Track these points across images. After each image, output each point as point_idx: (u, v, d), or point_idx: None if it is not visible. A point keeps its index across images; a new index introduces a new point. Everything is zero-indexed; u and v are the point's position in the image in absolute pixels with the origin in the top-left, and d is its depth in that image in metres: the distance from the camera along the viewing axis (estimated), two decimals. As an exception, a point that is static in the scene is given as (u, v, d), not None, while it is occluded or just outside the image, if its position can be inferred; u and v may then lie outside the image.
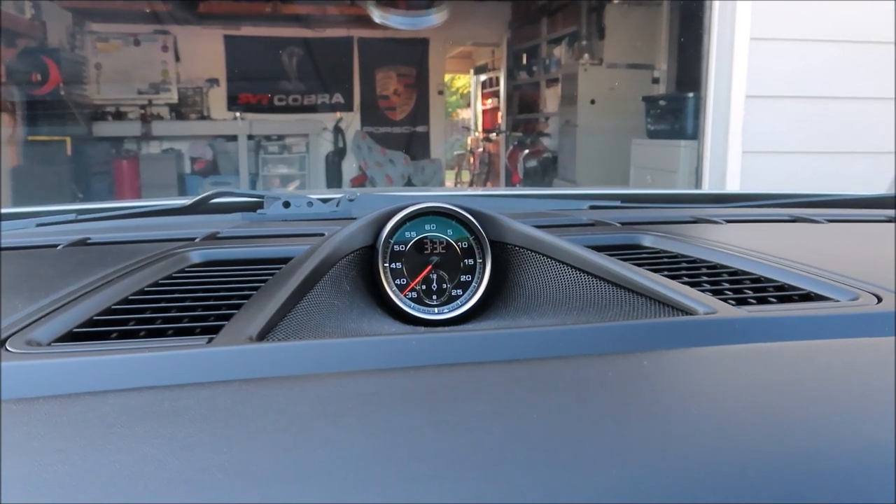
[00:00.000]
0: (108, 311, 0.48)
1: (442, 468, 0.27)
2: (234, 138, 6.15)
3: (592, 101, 5.18)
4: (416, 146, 6.90)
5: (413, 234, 0.58)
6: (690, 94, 3.81)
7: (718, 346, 0.41)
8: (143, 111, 6.01)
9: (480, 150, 8.16)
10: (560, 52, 6.10)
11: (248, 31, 6.25)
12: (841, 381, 0.36)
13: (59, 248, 0.73)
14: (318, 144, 6.47)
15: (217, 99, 6.35)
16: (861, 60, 2.69)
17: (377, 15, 5.47)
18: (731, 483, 0.26)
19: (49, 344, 0.41)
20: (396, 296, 0.57)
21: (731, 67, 2.65)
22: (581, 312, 0.53)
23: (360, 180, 6.48)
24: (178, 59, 6.13)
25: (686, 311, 0.46)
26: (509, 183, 6.72)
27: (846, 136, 2.73)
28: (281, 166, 6.35)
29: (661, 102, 4.29)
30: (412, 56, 6.71)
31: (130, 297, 0.51)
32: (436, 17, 5.49)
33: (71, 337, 0.43)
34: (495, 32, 7.28)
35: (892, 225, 0.83)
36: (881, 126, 2.71)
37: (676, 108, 4.02)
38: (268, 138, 6.32)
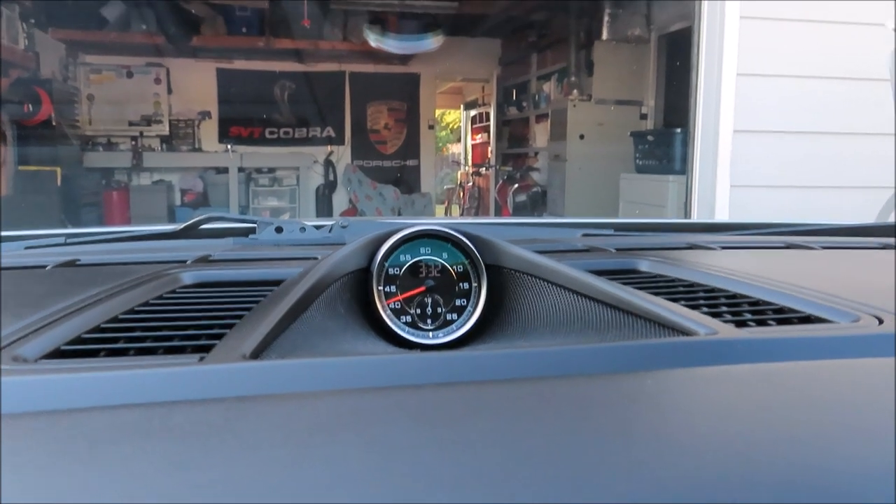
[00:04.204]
0: (97, 329, 0.47)
1: (442, 487, 0.26)
2: (224, 170, 6.16)
3: (581, 136, 5.25)
4: (406, 180, 6.94)
5: (408, 257, 0.58)
6: (678, 130, 3.88)
7: (722, 367, 0.40)
8: (134, 143, 6.02)
9: (470, 184, 8.21)
10: (549, 87, 6.20)
11: (240, 64, 6.31)
12: (844, 402, 0.36)
13: (47, 268, 0.72)
14: (308, 177, 6.50)
15: (208, 131, 6.37)
16: (846, 97, 2.74)
17: (373, 38, 5.53)
18: (734, 501, 0.26)
19: (36, 360, 0.40)
20: (391, 319, 0.56)
21: (719, 103, 2.70)
22: (579, 336, 0.52)
23: (351, 213, 6.49)
24: (170, 91, 6.16)
25: (686, 333, 0.46)
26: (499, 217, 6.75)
27: (832, 171, 2.77)
28: (271, 199, 6.36)
29: (650, 137, 4.35)
30: (403, 91, 6.80)
31: (120, 317, 0.50)
32: (432, 42, 5.56)
33: (58, 354, 0.42)
34: (485, 68, 7.39)
35: (886, 252, 0.84)
36: (866, 161, 2.75)
37: (664, 144, 4.09)
38: (258, 171, 6.34)
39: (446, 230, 0.58)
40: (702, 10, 2.73)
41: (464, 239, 0.58)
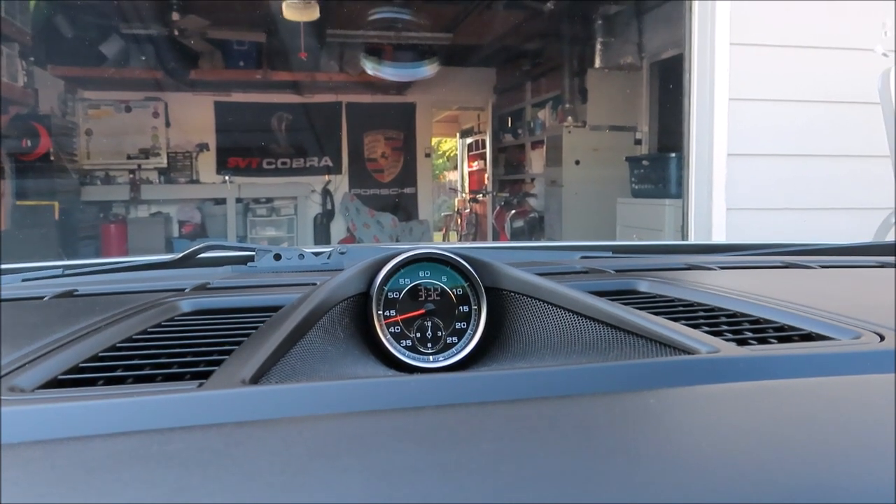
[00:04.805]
0: (95, 358, 0.47)
1: None
2: (222, 201, 6.18)
3: (577, 162, 5.29)
4: (403, 207, 6.96)
5: (407, 281, 0.58)
6: (673, 154, 3.90)
7: (724, 384, 0.40)
8: (132, 176, 6.04)
9: (468, 210, 8.24)
10: (544, 115, 6.26)
11: (238, 96, 6.37)
12: (846, 418, 0.36)
13: (44, 299, 0.71)
14: (306, 206, 6.52)
15: (206, 162, 6.41)
16: (837, 120, 2.77)
17: (370, 66, 5.59)
18: None
19: (33, 390, 0.40)
20: (391, 344, 0.55)
21: (712, 127, 2.72)
22: (581, 356, 0.52)
23: (349, 241, 6.50)
24: (168, 124, 6.21)
25: (688, 352, 0.45)
26: (497, 243, 6.75)
27: (826, 193, 2.79)
28: (269, 228, 6.37)
29: (645, 162, 4.38)
30: (399, 120, 6.85)
31: (118, 345, 0.50)
32: (427, 69, 5.62)
33: (56, 384, 0.42)
34: (481, 97, 7.47)
35: (884, 270, 0.84)
36: (859, 182, 2.77)
37: (659, 168, 4.11)
38: (256, 201, 6.36)
39: (445, 253, 0.58)
40: (692, 37, 2.77)
41: (463, 262, 0.58)
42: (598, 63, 5.24)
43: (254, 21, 5.65)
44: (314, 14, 4.96)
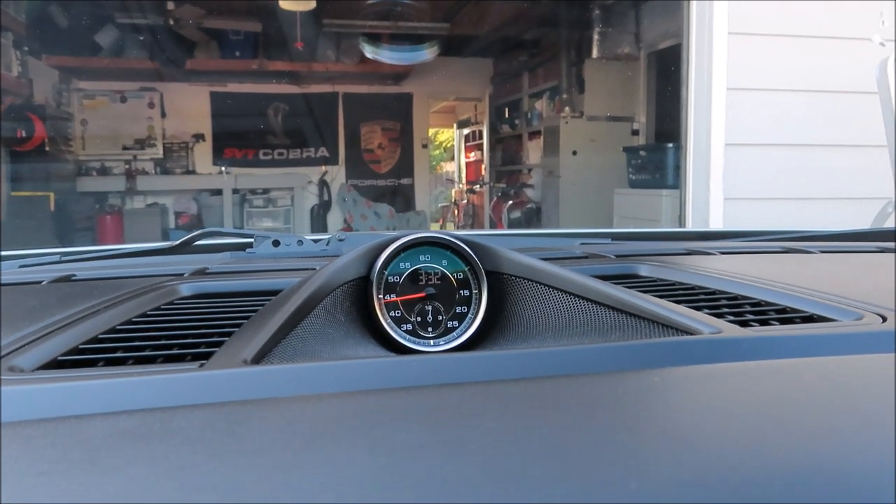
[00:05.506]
0: (95, 340, 0.46)
1: (448, 488, 0.26)
2: (219, 192, 6.16)
3: (574, 153, 5.28)
4: (401, 198, 6.95)
5: (407, 265, 0.57)
6: (670, 144, 3.90)
7: (728, 364, 0.40)
8: (128, 166, 6.02)
9: (465, 201, 8.23)
10: (541, 105, 6.24)
11: (234, 87, 6.33)
12: (849, 397, 0.36)
13: (42, 283, 0.71)
14: (303, 197, 6.50)
15: (202, 153, 6.38)
16: (834, 110, 2.77)
17: (369, 50, 5.55)
18: (743, 496, 0.25)
19: (32, 371, 0.39)
20: (391, 328, 0.55)
21: (710, 117, 2.72)
22: (583, 338, 0.52)
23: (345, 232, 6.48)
24: (164, 114, 6.17)
25: (691, 333, 0.45)
26: (494, 234, 6.74)
27: (823, 182, 2.79)
28: (266, 219, 6.35)
29: (642, 153, 4.38)
30: (396, 110, 6.83)
31: (118, 328, 0.50)
32: (427, 53, 5.58)
33: (56, 364, 0.41)
34: (478, 87, 7.44)
35: (884, 255, 0.84)
36: (857, 172, 2.77)
37: (657, 158, 4.11)
38: (253, 192, 6.34)
39: (446, 237, 0.57)
40: (690, 27, 2.76)
41: (463, 245, 0.57)
42: (595, 53, 5.22)
43: (250, 10, 5.61)
44: (310, 3, 4.93)
